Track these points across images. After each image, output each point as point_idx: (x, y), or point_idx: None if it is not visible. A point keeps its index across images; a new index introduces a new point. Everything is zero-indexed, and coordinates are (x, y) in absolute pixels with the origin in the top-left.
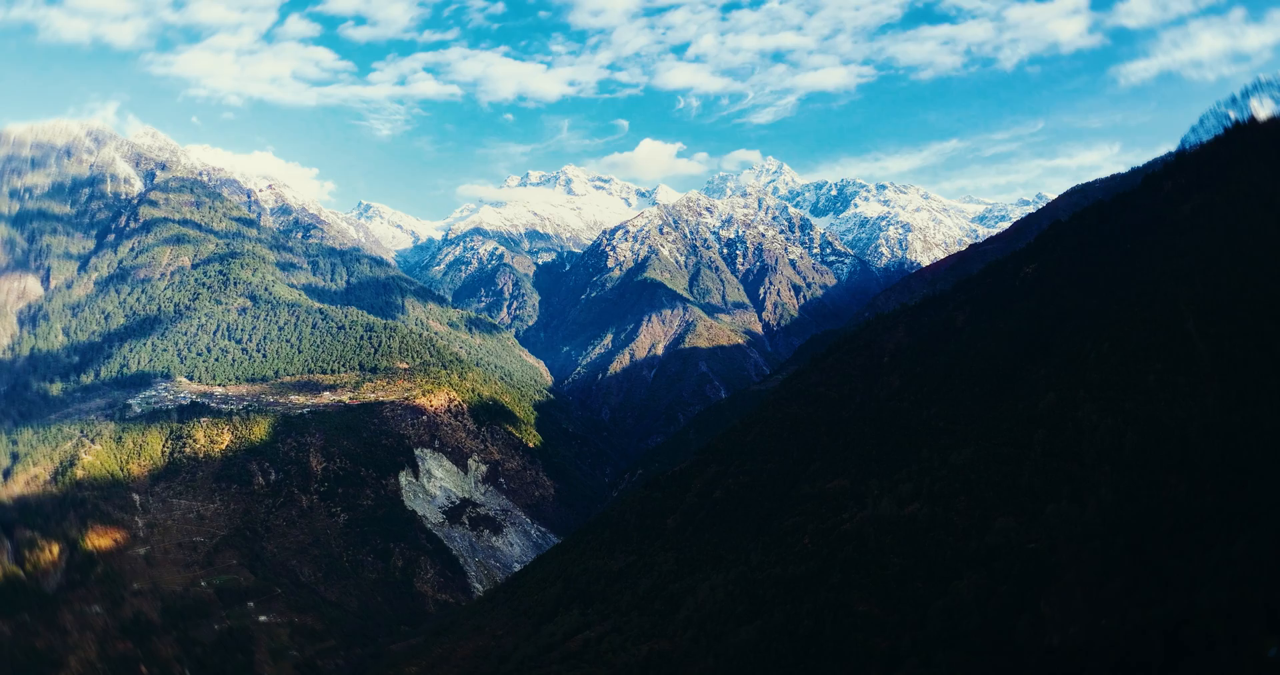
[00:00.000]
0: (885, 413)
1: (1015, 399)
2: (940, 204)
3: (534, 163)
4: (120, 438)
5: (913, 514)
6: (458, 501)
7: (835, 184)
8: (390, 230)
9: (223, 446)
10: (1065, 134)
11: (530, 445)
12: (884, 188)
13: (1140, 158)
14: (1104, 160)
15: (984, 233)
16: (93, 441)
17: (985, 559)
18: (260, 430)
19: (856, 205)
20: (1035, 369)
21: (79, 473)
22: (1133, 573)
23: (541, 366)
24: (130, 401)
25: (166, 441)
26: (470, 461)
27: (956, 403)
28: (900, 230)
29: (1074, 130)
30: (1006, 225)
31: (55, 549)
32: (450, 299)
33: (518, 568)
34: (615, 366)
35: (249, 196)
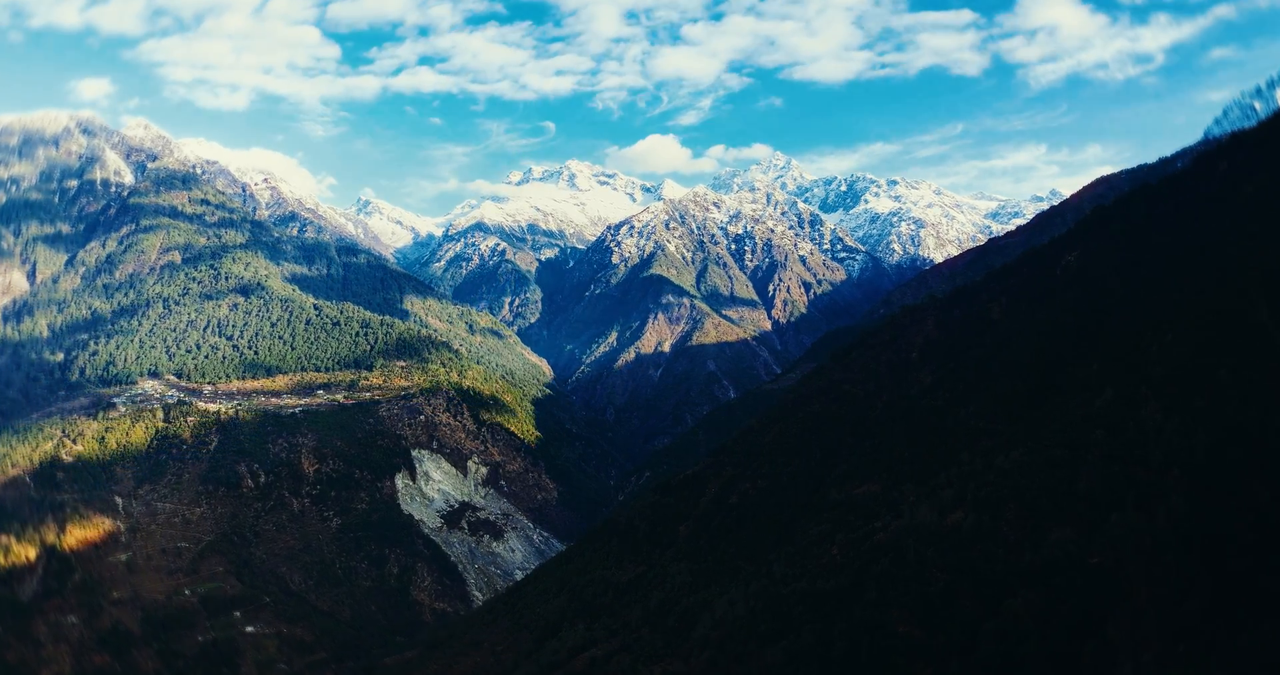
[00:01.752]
0: (917, 412)
1: (1065, 396)
2: (952, 200)
3: (476, 163)
4: (103, 438)
5: (956, 523)
6: (456, 505)
7: (845, 179)
8: (390, 226)
9: (210, 447)
10: (991, 137)
11: (532, 446)
12: (895, 183)
13: (1070, 157)
14: (1034, 160)
15: (997, 229)
16: (74, 441)
17: (1041, 575)
18: (250, 430)
19: (867, 201)
20: (1085, 364)
21: (59, 474)
22: (1213, 592)
23: (544, 365)
24: (115, 400)
25: (152, 442)
26: (470, 463)
27: (997, 401)
28: (912, 226)
29: (998, 133)
30: (1021, 221)
31: (31, 555)
32: (450, 295)
33: (519, 575)
34: (620, 365)
35: (244, 190)
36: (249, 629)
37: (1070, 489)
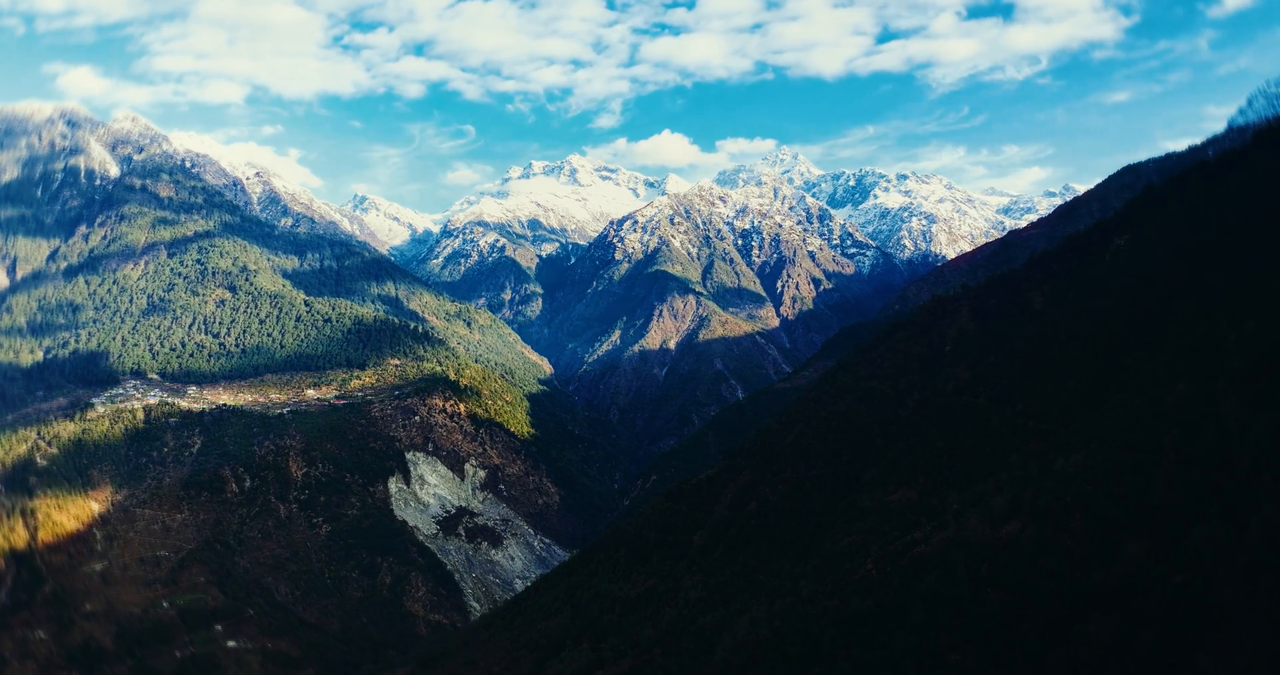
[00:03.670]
0: (955, 410)
1: (1128, 392)
2: (964, 195)
3: (410, 165)
4: (80, 440)
5: (1012, 535)
6: (453, 510)
7: (854, 174)
8: (386, 223)
9: (193, 450)
10: (910, 140)
11: (533, 448)
12: (905, 178)
13: (991, 158)
14: (959, 162)
15: (1010, 224)
16: (50, 444)
17: (1116, 596)
18: (235, 432)
19: (876, 196)
20: (1149, 355)
21: (32, 478)
22: None
23: (545, 363)
24: (94, 400)
25: (131, 444)
26: (467, 466)
27: (1047, 398)
28: (923, 221)
29: (915, 136)
30: (1034, 217)
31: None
32: (448, 292)
33: (519, 584)
34: (624, 364)
35: (236, 185)
36: (231, 644)
37: (1144, 497)
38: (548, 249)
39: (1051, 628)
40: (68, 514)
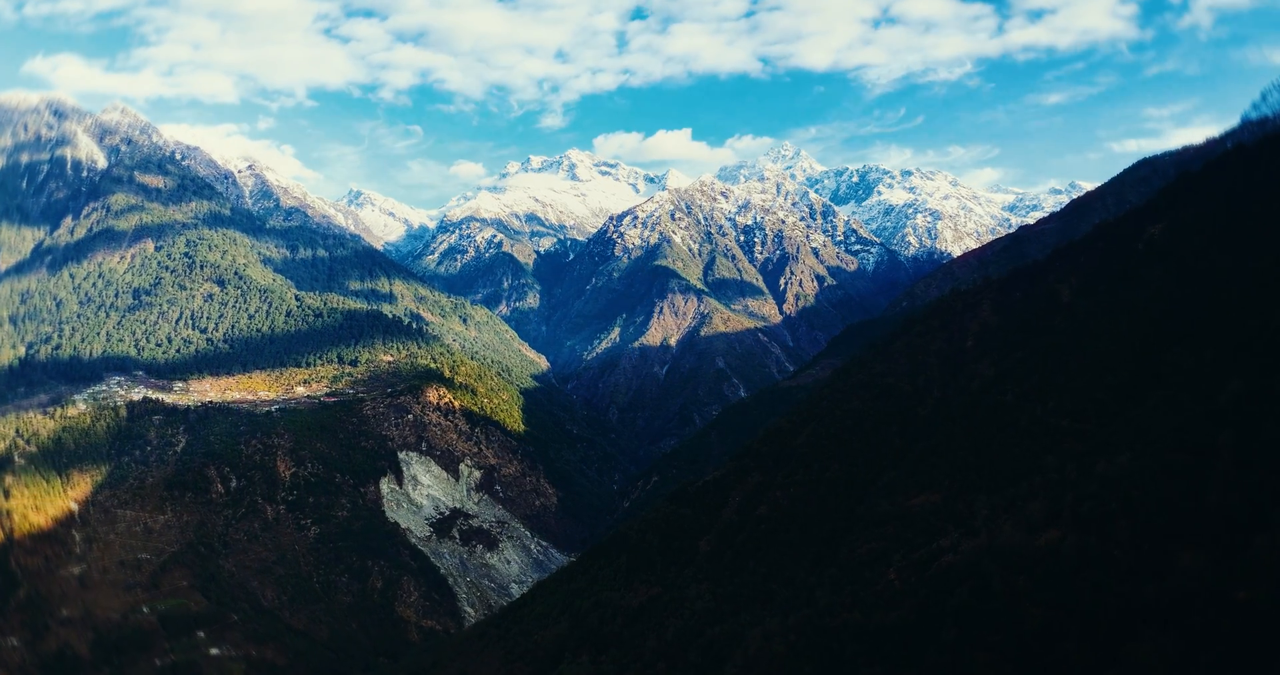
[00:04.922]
0: (980, 409)
1: (1172, 390)
2: (969, 191)
3: (366, 164)
4: (60, 438)
5: (1052, 544)
6: (447, 512)
7: (857, 171)
8: (382, 218)
9: (178, 449)
10: (855, 141)
11: (530, 448)
12: (909, 174)
13: (938, 159)
14: (906, 162)
15: (1016, 221)
16: (28, 442)
17: (1172, 612)
18: (221, 430)
19: (880, 192)
20: (1192, 350)
21: (9, 478)
22: None
23: (542, 361)
24: (76, 397)
25: (113, 442)
26: (462, 466)
27: (1080, 395)
28: (929, 218)
29: (859, 137)
30: (1041, 214)
31: None
32: (444, 288)
33: (515, 588)
34: (623, 361)
35: (227, 178)
36: (214, 651)
37: (1197, 504)
38: (546, 244)
39: (1100, 646)
40: (45, 515)
